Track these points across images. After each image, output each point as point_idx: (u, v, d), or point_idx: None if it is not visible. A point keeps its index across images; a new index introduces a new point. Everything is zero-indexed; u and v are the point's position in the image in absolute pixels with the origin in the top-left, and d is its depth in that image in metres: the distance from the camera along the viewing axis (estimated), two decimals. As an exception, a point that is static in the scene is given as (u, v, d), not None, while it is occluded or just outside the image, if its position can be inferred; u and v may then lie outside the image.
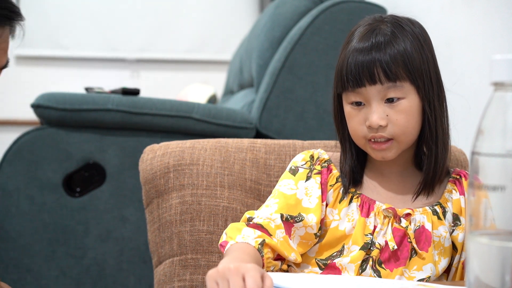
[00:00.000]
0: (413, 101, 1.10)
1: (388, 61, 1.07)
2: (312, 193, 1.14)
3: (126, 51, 3.77)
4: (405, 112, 1.09)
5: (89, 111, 1.96)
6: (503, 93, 0.66)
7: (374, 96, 1.08)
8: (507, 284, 0.63)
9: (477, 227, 0.66)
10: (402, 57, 1.08)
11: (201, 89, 3.05)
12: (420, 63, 1.10)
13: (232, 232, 1.08)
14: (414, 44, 1.10)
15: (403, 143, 1.11)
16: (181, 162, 1.31)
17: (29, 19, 4.09)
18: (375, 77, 1.07)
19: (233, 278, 0.86)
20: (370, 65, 1.07)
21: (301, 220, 1.12)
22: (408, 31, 1.12)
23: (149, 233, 1.33)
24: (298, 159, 1.20)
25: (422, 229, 1.12)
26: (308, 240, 1.13)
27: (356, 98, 1.10)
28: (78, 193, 2.01)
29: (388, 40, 1.09)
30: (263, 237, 1.07)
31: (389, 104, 1.09)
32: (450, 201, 1.15)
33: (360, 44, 1.10)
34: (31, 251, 1.98)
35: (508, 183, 0.63)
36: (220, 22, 3.83)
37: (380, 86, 1.08)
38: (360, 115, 1.10)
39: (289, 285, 0.92)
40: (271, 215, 1.11)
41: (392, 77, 1.07)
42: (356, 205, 1.14)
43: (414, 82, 1.09)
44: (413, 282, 1.00)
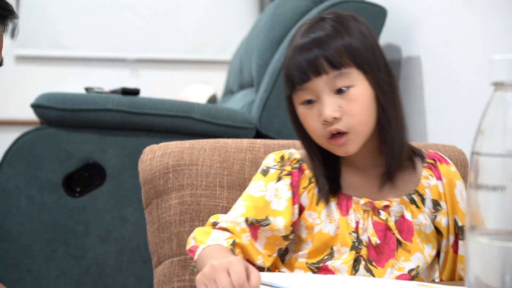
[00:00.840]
0: (364, 88, 1.07)
1: (330, 51, 1.05)
2: (282, 195, 1.12)
3: (126, 51, 3.78)
4: (357, 100, 1.06)
5: (89, 111, 1.96)
6: (503, 93, 0.66)
7: (322, 88, 1.06)
8: (508, 284, 0.63)
9: (477, 227, 0.66)
10: (345, 47, 1.06)
11: (201, 89, 3.05)
12: (365, 51, 1.07)
13: (201, 236, 1.07)
14: (356, 36, 1.08)
15: (360, 134, 1.08)
16: (181, 163, 1.31)
17: (29, 19, 4.12)
18: (319, 68, 1.05)
19: (219, 275, 0.86)
20: (313, 58, 1.05)
21: (268, 224, 1.10)
22: (351, 26, 1.10)
23: (149, 234, 1.33)
24: (269, 160, 1.18)
25: (403, 219, 1.11)
26: (275, 241, 1.11)
27: (306, 95, 1.07)
28: (78, 193, 2.01)
29: (328, 34, 1.07)
30: (233, 238, 1.07)
31: (340, 95, 1.06)
32: (428, 187, 1.13)
33: (301, 41, 1.08)
34: (31, 251, 1.98)
35: (508, 183, 0.63)
36: (220, 22, 3.83)
37: (326, 77, 1.05)
38: (313, 112, 1.08)
39: (289, 285, 0.92)
40: (236, 219, 1.10)
41: (336, 65, 1.05)
42: (335, 205, 1.12)
43: (360, 67, 1.06)
44: (413, 282, 1.00)
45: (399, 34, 2.34)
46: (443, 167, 1.14)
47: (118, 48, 3.77)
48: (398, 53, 2.35)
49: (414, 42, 2.23)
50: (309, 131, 1.11)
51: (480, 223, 0.65)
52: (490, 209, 0.65)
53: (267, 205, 1.12)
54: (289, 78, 1.09)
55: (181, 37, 3.82)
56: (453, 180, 1.14)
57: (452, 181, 1.13)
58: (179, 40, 3.82)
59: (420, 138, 2.16)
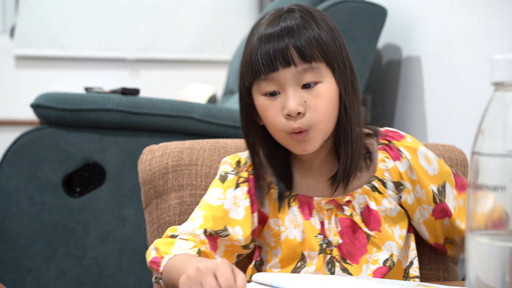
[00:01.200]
0: (330, 85, 1.03)
1: (302, 42, 1.00)
2: (240, 203, 1.09)
3: (126, 51, 3.77)
4: (323, 97, 1.02)
5: (89, 111, 1.96)
6: (504, 93, 0.66)
7: (289, 81, 1.01)
8: (508, 285, 0.63)
9: (477, 227, 0.65)
10: (316, 40, 1.01)
11: (201, 89, 3.05)
12: (334, 46, 1.04)
13: (164, 247, 1.03)
14: (325, 29, 1.04)
15: (321, 132, 1.04)
16: (180, 163, 1.31)
17: (29, 19, 4.12)
18: (289, 59, 1.00)
19: (205, 278, 0.84)
20: (283, 47, 1.00)
21: (227, 235, 1.07)
22: (318, 17, 1.05)
23: (148, 234, 1.33)
24: (226, 165, 1.14)
25: (368, 210, 1.08)
26: (234, 249, 1.09)
27: (270, 86, 1.02)
28: (78, 193, 2.01)
29: (299, 24, 1.02)
30: (198, 247, 1.04)
31: (306, 89, 1.01)
32: (386, 170, 1.09)
33: (269, 30, 1.02)
34: (31, 251, 1.98)
35: (509, 183, 0.63)
36: (220, 22, 3.83)
37: (295, 69, 1.00)
38: (276, 104, 1.02)
39: (288, 285, 0.92)
40: (195, 231, 1.06)
41: (308, 58, 1.00)
42: (297, 209, 1.09)
43: (329, 64, 1.03)
44: (413, 282, 1.00)
45: (399, 34, 2.34)
46: (400, 144, 1.10)
47: (118, 48, 3.77)
48: (398, 53, 2.35)
49: (414, 42, 2.23)
50: (268, 124, 1.05)
51: (480, 223, 0.65)
52: (490, 209, 0.65)
53: (225, 214, 1.08)
54: (252, 66, 1.02)
55: (181, 37, 3.81)
56: (414, 152, 1.10)
57: (414, 153, 1.10)
58: (179, 40, 3.81)
59: (420, 138, 2.16)
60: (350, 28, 2.11)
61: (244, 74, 1.05)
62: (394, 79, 2.38)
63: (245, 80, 1.05)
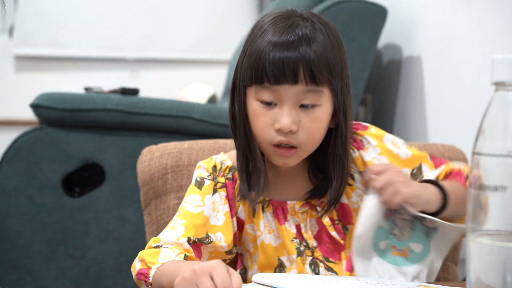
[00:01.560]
0: (328, 109, 1.02)
1: (314, 60, 0.98)
2: (219, 208, 1.08)
3: (125, 50, 3.77)
4: (318, 120, 1.01)
5: (88, 111, 1.96)
6: (504, 93, 0.66)
7: (290, 97, 0.99)
8: (509, 285, 0.63)
9: (478, 227, 0.65)
10: (327, 58, 0.99)
11: (201, 89, 3.05)
12: (340, 67, 1.02)
13: (150, 257, 1.02)
14: (334, 45, 1.02)
15: (306, 152, 1.04)
16: (179, 163, 1.30)
17: (28, 19, 4.11)
18: (298, 78, 0.98)
19: (201, 279, 0.84)
20: (296, 62, 0.97)
21: (210, 242, 1.06)
22: (327, 30, 1.02)
23: (148, 235, 1.33)
24: (201, 170, 1.12)
25: (341, 205, 1.09)
26: (217, 255, 1.08)
27: (269, 96, 1.00)
28: (78, 193, 2.00)
29: (313, 36, 0.99)
30: (184, 253, 1.03)
31: (303, 109, 1.00)
32: (352, 162, 1.10)
33: (281, 35, 0.99)
34: (30, 251, 1.98)
35: (509, 183, 0.63)
36: (219, 22, 3.83)
37: (301, 88, 0.99)
38: (269, 116, 1.01)
39: (288, 285, 0.92)
40: (178, 240, 1.04)
41: (316, 80, 0.98)
42: (271, 214, 1.09)
43: (334, 89, 1.01)
44: (414, 283, 1.00)
45: (400, 34, 2.33)
46: (364, 133, 1.11)
47: (117, 48, 3.77)
48: (398, 53, 2.35)
49: (415, 42, 2.23)
50: (255, 130, 1.04)
51: (481, 223, 0.65)
52: (491, 210, 0.65)
53: (206, 221, 1.07)
54: (258, 71, 0.99)
55: (180, 37, 3.81)
56: (380, 139, 1.11)
57: (380, 140, 1.11)
58: (179, 40, 3.81)
59: (420, 138, 2.16)
60: (350, 28, 2.11)
61: (244, 73, 1.03)
62: (394, 79, 2.37)
63: (245, 80, 1.03)
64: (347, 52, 2.19)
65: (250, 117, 1.04)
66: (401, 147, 1.12)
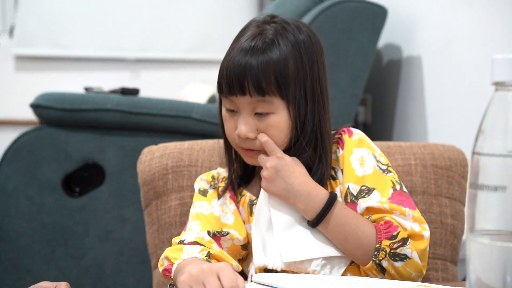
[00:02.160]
0: (283, 116, 1.08)
1: (258, 74, 1.04)
2: (227, 209, 1.14)
3: (125, 50, 3.77)
4: (274, 126, 1.07)
5: (88, 111, 1.96)
6: (504, 93, 0.66)
7: (244, 106, 1.07)
8: (509, 285, 0.63)
9: (478, 227, 0.65)
10: (274, 70, 1.05)
11: (201, 89, 3.05)
12: (295, 76, 1.07)
13: (174, 254, 1.06)
14: (292, 53, 1.07)
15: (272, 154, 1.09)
16: (180, 164, 1.31)
17: (28, 19, 4.11)
18: (245, 89, 1.05)
19: (209, 278, 0.85)
20: (242, 74, 1.05)
21: (228, 233, 1.11)
22: (290, 38, 1.08)
23: (148, 235, 1.33)
24: (202, 182, 1.19)
25: None
26: (234, 251, 1.13)
27: (230, 105, 1.09)
28: (78, 193, 2.00)
29: (265, 47, 1.06)
30: (207, 250, 1.06)
31: (259, 117, 1.07)
32: (337, 159, 1.14)
33: (243, 45, 1.08)
34: (30, 251, 1.98)
35: (509, 183, 0.63)
36: (220, 21, 3.83)
37: (250, 98, 1.05)
38: (233, 121, 1.09)
39: (289, 285, 0.92)
40: (199, 234, 1.09)
41: (261, 92, 1.05)
42: None
43: (284, 97, 1.06)
44: (414, 283, 1.00)
45: (400, 34, 2.33)
46: (346, 137, 1.14)
47: (117, 48, 3.77)
48: (398, 53, 2.35)
49: (415, 42, 2.23)
50: (226, 134, 1.12)
51: (481, 223, 0.65)
52: (491, 210, 0.65)
53: (218, 220, 1.13)
54: (220, 83, 1.09)
55: (180, 37, 3.81)
56: (351, 147, 1.13)
57: (349, 148, 1.13)
58: (179, 40, 3.81)
59: (420, 138, 2.16)
60: (350, 28, 2.11)
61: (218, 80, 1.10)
62: (394, 79, 2.37)
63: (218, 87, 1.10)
64: (347, 52, 2.19)
65: (223, 121, 1.13)
66: (366, 165, 1.11)
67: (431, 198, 1.29)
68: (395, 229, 1.03)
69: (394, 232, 1.03)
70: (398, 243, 1.03)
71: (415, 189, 1.28)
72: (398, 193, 1.09)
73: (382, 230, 1.04)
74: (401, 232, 1.03)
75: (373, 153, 1.13)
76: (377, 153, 1.14)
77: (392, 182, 1.10)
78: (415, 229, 1.04)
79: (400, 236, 1.03)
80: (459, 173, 1.31)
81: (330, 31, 2.09)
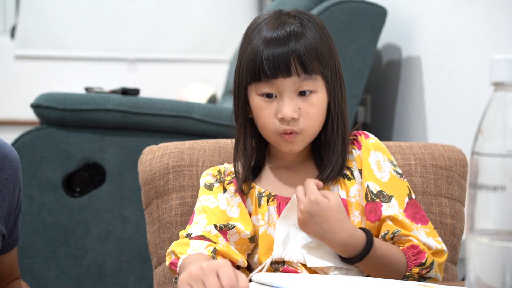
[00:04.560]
0: (323, 95, 1.11)
1: (304, 53, 1.07)
2: (233, 202, 1.15)
3: (126, 50, 3.78)
4: (316, 105, 1.10)
5: (89, 111, 1.96)
6: (503, 93, 0.66)
7: (288, 88, 1.08)
8: (508, 284, 0.63)
9: (477, 227, 0.65)
10: (315, 49, 1.08)
11: (201, 89, 3.05)
12: (329, 56, 1.11)
13: (180, 248, 1.07)
14: (324, 39, 1.11)
15: (309, 136, 1.12)
16: (181, 163, 1.31)
17: (29, 19, 4.11)
18: (291, 69, 1.07)
19: (208, 277, 0.85)
20: (287, 56, 1.07)
21: (234, 227, 1.12)
22: (316, 26, 1.11)
23: (149, 234, 1.33)
24: (208, 177, 1.20)
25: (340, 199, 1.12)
26: (243, 245, 1.13)
27: (270, 89, 1.09)
28: (78, 193, 2.01)
29: (301, 32, 1.08)
30: (213, 245, 1.07)
31: (302, 97, 1.09)
32: (353, 160, 1.16)
33: (273, 34, 1.08)
34: (31, 251, 1.98)
35: (508, 183, 0.63)
36: (220, 22, 3.83)
37: (296, 78, 1.07)
38: (271, 107, 1.09)
39: (289, 285, 0.92)
40: (206, 227, 1.10)
41: (308, 70, 1.07)
42: (274, 208, 1.14)
43: (325, 76, 1.10)
44: (414, 283, 1.00)
45: (399, 34, 2.34)
46: (362, 139, 1.17)
47: (118, 48, 3.77)
48: (398, 53, 2.35)
49: (414, 42, 2.23)
50: (260, 123, 1.12)
51: (480, 223, 0.65)
52: (490, 209, 0.65)
53: (224, 213, 1.13)
54: (255, 69, 1.08)
55: (181, 37, 3.82)
56: (368, 149, 1.15)
57: (367, 150, 1.15)
58: (179, 40, 3.81)
59: (420, 138, 2.16)
60: (350, 28, 2.11)
61: (244, 73, 1.12)
62: (394, 79, 2.38)
63: (245, 79, 1.11)
64: (347, 52, 2.19)
65: (254, 112, 1.13)
66: (384, 171, 1.14)
67: (431, 198, 1.29)
68: (423, 256, 1.08)
69: (423, 259, 1.08)
70: (426, 269, 1.08)
71: (415, 189, 1.28)
72: (412, 203, 1.14)
73: (411, 257, 1.08)
74: (429, 257, 1.09)
75: (389, 158, 1.17)
76: (392, 158, 1.18)
77: (408, 189, 1.15)
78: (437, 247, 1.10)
79: (428, 262, 1.09)
80: (458, 173, 1.31)
81: (330, 31, 2.08)
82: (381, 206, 1.11)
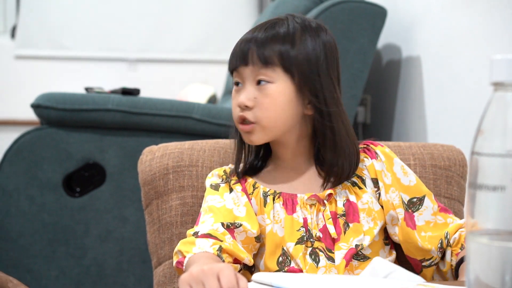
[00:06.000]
0: (284, 89, 1.11)
1: (261, 44, 1.10)
2: (239, 202, 1.15)
3: (126, 51, 3.78)
4: (271, 97, 1.11)
5: (89, 111, 1.96)
6: (503, 93, 0.66)
7: (248, 76, 1.12)
8: (508, 285, 0.63)
9: (477, 227, 0.66)
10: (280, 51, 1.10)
11: (201, 89, 3.05)
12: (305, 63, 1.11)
13: (186, 247, 1.07)
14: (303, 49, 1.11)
15: (267, 128, 1.12)
16: (180, 164, 1.31)
17: (29, 19, 4.11)
18: (248, 58, 1.11)
19: (208, 279, 0.85)
20: (247, 45, 1.11)
21: (241, 225, 1.12)
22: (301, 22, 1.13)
23: (149, 234, 1.33)
24: (214, 177, 1.20)
25: (349, 203, 1.13)
26: (249, 244, 1.12)
27: (237, 78, 1.14)
28: (78, 193, 2.01)
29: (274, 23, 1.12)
30: (219, 243, 1.07)
31: (259, 86, 1.11)
32: (365, 169, 1.16)
33: (250, 32, 1.14)
34: (31, 251, 1.98)
35: (508, 183, 0.63)
36: (220, 22, 3.83)
37: (252, 67, 1.11)
38: (238, 95, 1.14)
39: (288, 285, 0.92)
40: (213, 226, 1.10)
41: (262, 60, 1.10)
42: (280, 205, 1.14)
43: (287, 70, 1.10)
44: (414, 283, 1.00)
45: (399, 34, 2.34)
46: (377, 148, 1.18)
47: (118, 48, 3.77)
48: (398, 53, 2.35)
49: (414, 42, 2.23)
50: (232, 112, 1.16)
51: (480, 223, 0.65)
52: (489, 209, 0.65)
53: (230, 212, 1.13)
54: (229, 60, 1.15)
55: (181, 37, 3.82)
56: (390, 158, 1.17)
57: (390, 159, 1.16)
58: (179, 40, 3.82)
59: (420, 138, 2.16)
60: (350, 28, 2.12)
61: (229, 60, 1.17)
62: (394, 79, 2.38)
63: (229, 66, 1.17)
64: (347, 52, 2.20)
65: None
66: (408, 175, 1.17)
67: (431, 198, 1.29)
68: None
69: None
70: None
71: (415, 189, 1.28)
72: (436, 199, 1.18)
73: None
74: None
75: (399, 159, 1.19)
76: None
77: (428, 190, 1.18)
78: None
79: None
80: (458, 173, 1.31)
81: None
82: (413, 216, 1.14)
